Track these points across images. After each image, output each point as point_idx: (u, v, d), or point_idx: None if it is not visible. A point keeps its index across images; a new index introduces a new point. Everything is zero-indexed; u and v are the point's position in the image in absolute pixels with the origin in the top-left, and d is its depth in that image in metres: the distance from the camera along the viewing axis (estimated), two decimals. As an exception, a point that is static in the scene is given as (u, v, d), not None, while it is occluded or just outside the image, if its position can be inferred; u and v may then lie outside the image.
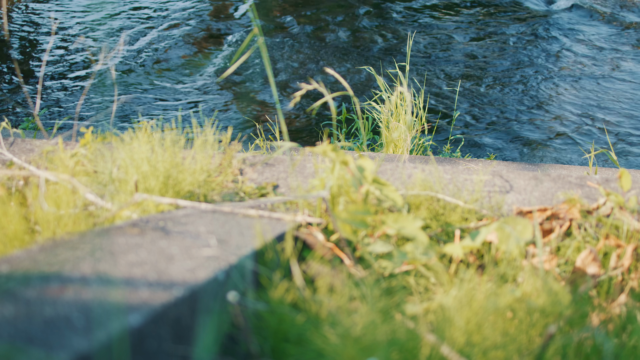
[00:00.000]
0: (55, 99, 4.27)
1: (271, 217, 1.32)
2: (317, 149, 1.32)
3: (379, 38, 4.98)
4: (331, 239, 1.28)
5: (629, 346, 1.00)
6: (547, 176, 1.59)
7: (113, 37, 4.97)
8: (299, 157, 1.60)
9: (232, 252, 1.04)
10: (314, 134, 3.91)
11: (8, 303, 0.74)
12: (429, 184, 1.45)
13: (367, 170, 1.33)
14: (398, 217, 1.26)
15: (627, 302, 1.18)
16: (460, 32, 5.10)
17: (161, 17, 5.31)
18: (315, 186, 1.36)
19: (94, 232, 1.08)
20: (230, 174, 1.60)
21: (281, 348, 0.96)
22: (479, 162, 2.53)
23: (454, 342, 0.95)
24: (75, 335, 0.68)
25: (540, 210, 1.41)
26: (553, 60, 4.74)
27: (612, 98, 4.28)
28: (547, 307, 1.01)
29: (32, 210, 1.45)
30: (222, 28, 5.15)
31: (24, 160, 1.69)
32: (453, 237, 1.35)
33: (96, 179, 1.48)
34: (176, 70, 4.61)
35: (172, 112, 4.12)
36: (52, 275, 0.84)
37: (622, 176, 1.40)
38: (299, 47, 4.82)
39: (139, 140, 1.48)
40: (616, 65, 4.67)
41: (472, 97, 4.29)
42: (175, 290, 0.84)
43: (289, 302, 1.03)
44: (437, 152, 3.39)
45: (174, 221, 1.18)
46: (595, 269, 1.23)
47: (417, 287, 1.19)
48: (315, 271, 1.14)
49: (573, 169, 2.55)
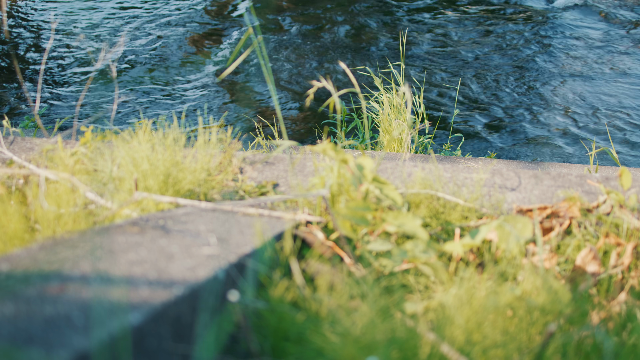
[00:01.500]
0: (55, 97, 4.26)
1: (271, 216, 1.32)
2: (317, 148, 1.32)
3: (379, 37, 4.97)
4: (331, 238, 1.28)
5: (629, 344, 1.00)
6: (547, 174, 1.59)
7: (113, 36, 4.97)
8: (299, 155, 1.60)
9: (232, 251, 1.04)
10: (314, 132, 3.91)
11: (8, 302, 0.74)
12: (429, 182, 1.45)
13: (366, 169, 1.33)
14: (398, 215, 1.26)
15: (627, 301, 1.18)
16: (461, 30, 5.10)
17: (161, 16, 5.30)
18: (315, 185, 1.36)
19: (94, 230, 1.07)
20: (230, 172, 1.60)
21: (281, 347, 0.96)
22: (479, 161, 2.53)
23: (454, 341, 0.95)
24: (76, 334, 0.68)
25: (541, 209, 1.41)
26: (553, 58, 4.73)
27: (613, 96, 4.28)
28: (547, 306, 1.01)
29: (32, 209, 1.45)
30: (221, 27, 5.15)
31: (24, 158, 1.69)
32: (453, 235, 1.35)
33: (96, 178, 1.48)
34: (176, 69, 4.61)
35: (171, 111, 4.12)
36: (52, 274, 0.84)
37: (622, 174, 1.39)
38: (298, 46, 4.81)
39: (139, 138, 1.48)
40: (616, 63, 4.67)
41: (472, 95, 4.29)
42: (175, 289, 0.84)
43: (289, 300, 1.03)
44: (437, 151, 3.39)
45: (174, 220, 1.18)
46: (595, 268, 1.23)
47: (417, 285, 1.19)
48: (315, 270, 1.14)
49: (573, 167, 2.55)
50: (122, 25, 5.13)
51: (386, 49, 4.81)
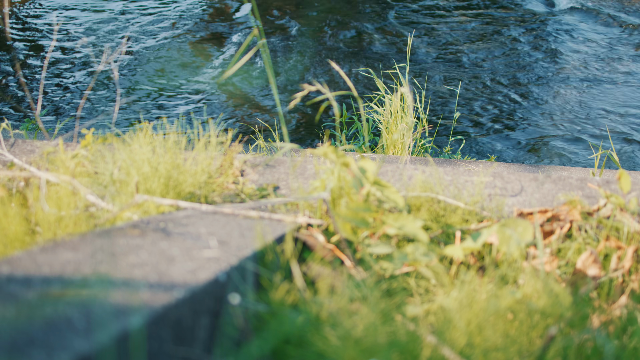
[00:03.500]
0: (56, 100, 4.27)
1: (272, 219, 1.32)
2: (317, 151, 1.32)
3: (380, 39, 4.98)
4: (332, 241, 1.28)
5: (630, 348, 1.00)
6: (547, 178, 1.59)
7: (115, 39, 4.98)
8: (299, 158, 1.61)
9: (232, 254, 1.04)
10: (315, 135, 3.91)
11: (9, 304, 0.74)
12: (430, 185, 1.45)
13: (368, 172, 1.33)
14: (399, 217, 1.26)
15: (627, 304, 1.18)
16: (461, 33, 5.10)
17: (163, 18, 5.31)
18: (316, 187, 1.37)
19: (94, 233, 1.08)
20: (231, 175, 1.60)
21: (282, 349, 0.96)
22: (480, 164, 2.53)
23: (454, 344, 0.95)
24: (76, 337, 0.68)
25: (541, 212, 1.41)
26: (555, 62, 4.74)
27: (614, 99, 4.28)
28: (548, 309, 1.01)
29: (32, 212, 1.45)
30: (223, 29, 5.16)
31: (25, 161, 1.69)
32: (453, 238, 1.35)
33: (97, 180, 1.48)
34: (177, 72, 4.61)
35: (173, 114, 4.13)
36: (52, 277, 0.84)
37: (621, 178, 1.39)
38: (299, 48, 4.82)
39: (140, 141, 1.48)
40: (617, 66, 4.67)
41: (472, 98, 4.29)
42: (176, 292, 0.84)
43: (289, 303, 1.03)
44: (437, 154, 3.39)
45: (174, 222, 1.18)
46: (595, 271, 1.23)
47: (417, 288, 1.19)
48: (315, 272, 1.14)
49: (574, 171, 2.55)
50: (123, 28, 5.14)
51: (387, 52, 4.82)
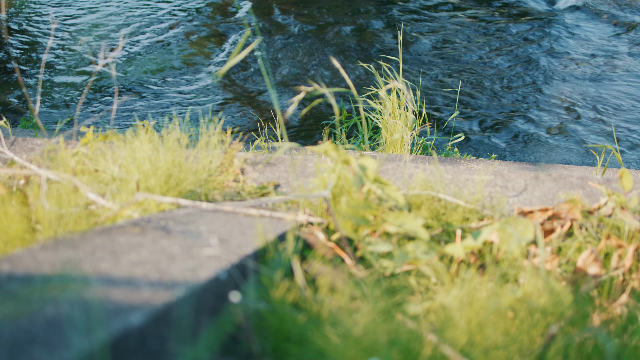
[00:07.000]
0: (55, 98, 4.27)
1: (272, 217, 1.32)
2: (318, 149, 1.32)
3: (379, 37, 4.98)
4: (332, 239, 1.28)
5: (631, 346, 1.00)
6: (548, 176, 1.59)
7: (113, 37, 4.97)
8: (300, 156, 1.60)
9: (233, 252, 1.04)
10: (315, 133, 3.91)
11: (10, 302, 0.74)
12: (430, 183, 1.45)
13: (369, 170, 1.33)
14: (399, 215, 1.26)
15: (628, 303, 1.18)
16: (462, 31, 5.10)
17: (161, 16, 5.31)
18: (317, 185, 1.36)
19: (95, 231, 1.08)
20: (231, 173, 1.60)
21: (282, 348, 0.96)
22: (480, 162, 2.53)
23: (455, 342, 0.95)
24: (77, 335, 0.68)
25: (542, 211, 1.41)
26: (555, 60, 4.73)
27: (615, 98, 4.28)
28: (549, 307, 1.01)
29: (33, 209, 1.45)
30: (222, 28, 5.15)
31: (25, 159, 1.69)
32: (454, 237, 1.35)
33: (97, 178, 1.48)
34: (177, 69, 4.61)
35: (172, 112, 4.12)
36: (53, 275, 0.84)
37: (622, 176, 1.39)
38: (298, 47, 4.82)
39: (141, 139, 1.48)
40: (618, 65, 4.67)
41: (473, 96, 4.29)
42: (176, 290, 0.84)
43: (290, 301, 1.03)
44: (438, 152, 3.39)
45: (175, 220, 1.18)
46: (596, 269, 1.23)
47: (418, 287, 1.19)
48: (316, 271, 1.14)
49: (574, 169, 2.55)
50: (122, 26, 5.13)
51: (387, 49, 4.81)
